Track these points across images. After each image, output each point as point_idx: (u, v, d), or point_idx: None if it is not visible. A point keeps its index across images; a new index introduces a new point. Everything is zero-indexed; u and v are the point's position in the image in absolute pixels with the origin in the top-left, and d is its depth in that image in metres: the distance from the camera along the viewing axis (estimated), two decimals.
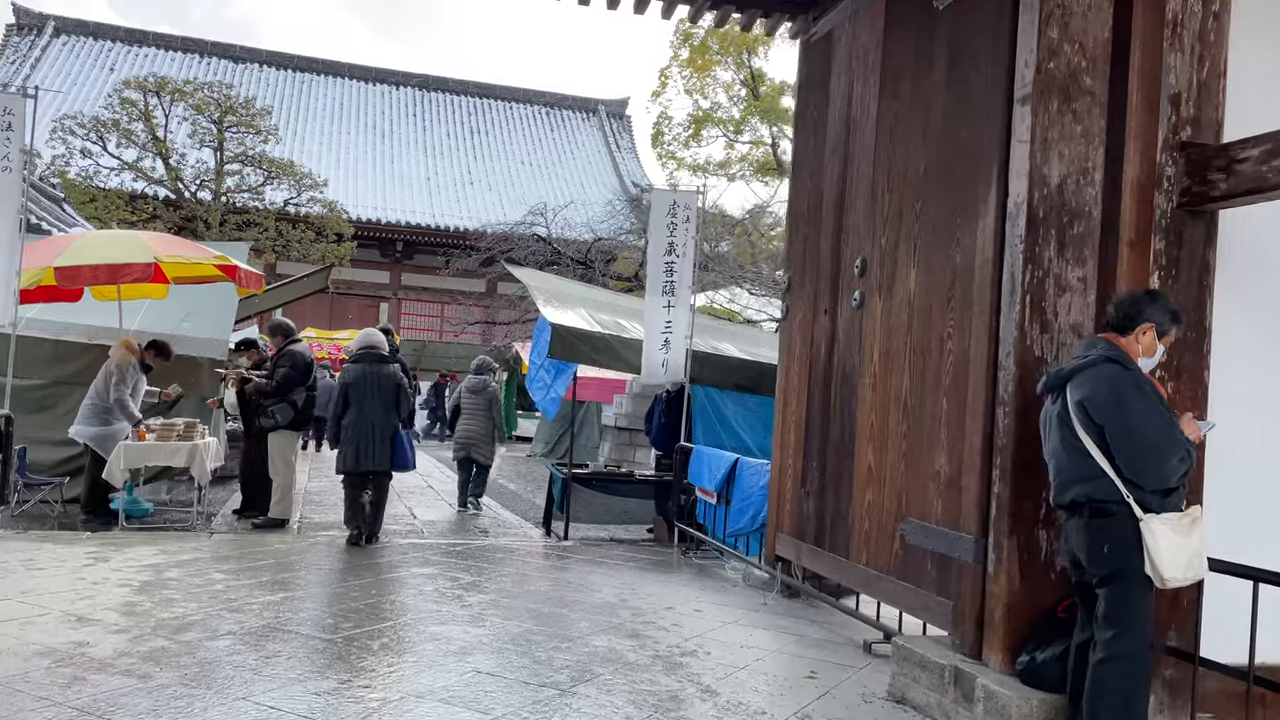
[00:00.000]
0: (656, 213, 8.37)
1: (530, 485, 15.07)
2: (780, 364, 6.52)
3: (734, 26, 7.54)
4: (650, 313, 8.40)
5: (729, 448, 8.60)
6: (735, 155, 26.68)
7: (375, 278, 32.95)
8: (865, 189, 5.49)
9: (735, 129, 25.70)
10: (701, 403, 8.89)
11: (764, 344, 10.20)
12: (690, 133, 25.56)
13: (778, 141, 25.98)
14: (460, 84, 40.78)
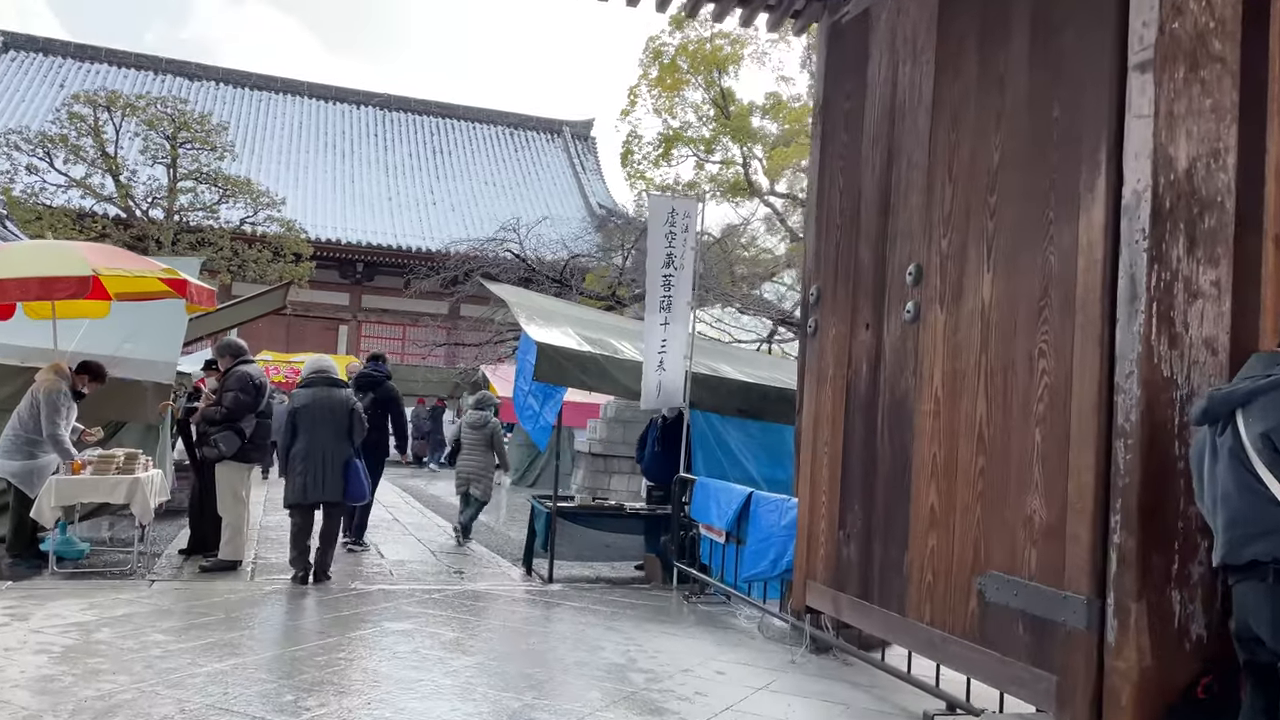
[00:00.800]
0: (654, 222, 7.55)
1: (502, 517, 14.12)
2: (806, 387, 5.71)
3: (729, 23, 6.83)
4: (648, 331, 7.57)
5: (732, 478, 7.76)
6: (705, 175, 26.03)
7: (334, 299, 31.79)
8: (918, 185, 4.72)
9: (706, 148, 25.05)
10: (701, 429, 8.06)
11: (763, 365, 9.41)
12: (660, 152, 24.86)
13: (749, 162, 25.39)
14: (422, 104, 39.86)
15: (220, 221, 24.72)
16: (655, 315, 7.52)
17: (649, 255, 7.58)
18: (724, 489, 6.80)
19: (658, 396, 7.60)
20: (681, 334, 7.62)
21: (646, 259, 7.65)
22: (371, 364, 10.35)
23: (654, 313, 7.52)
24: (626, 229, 17.91)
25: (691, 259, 7.64)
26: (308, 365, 7.86)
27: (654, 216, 7.55)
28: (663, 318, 7.53)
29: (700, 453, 8.03)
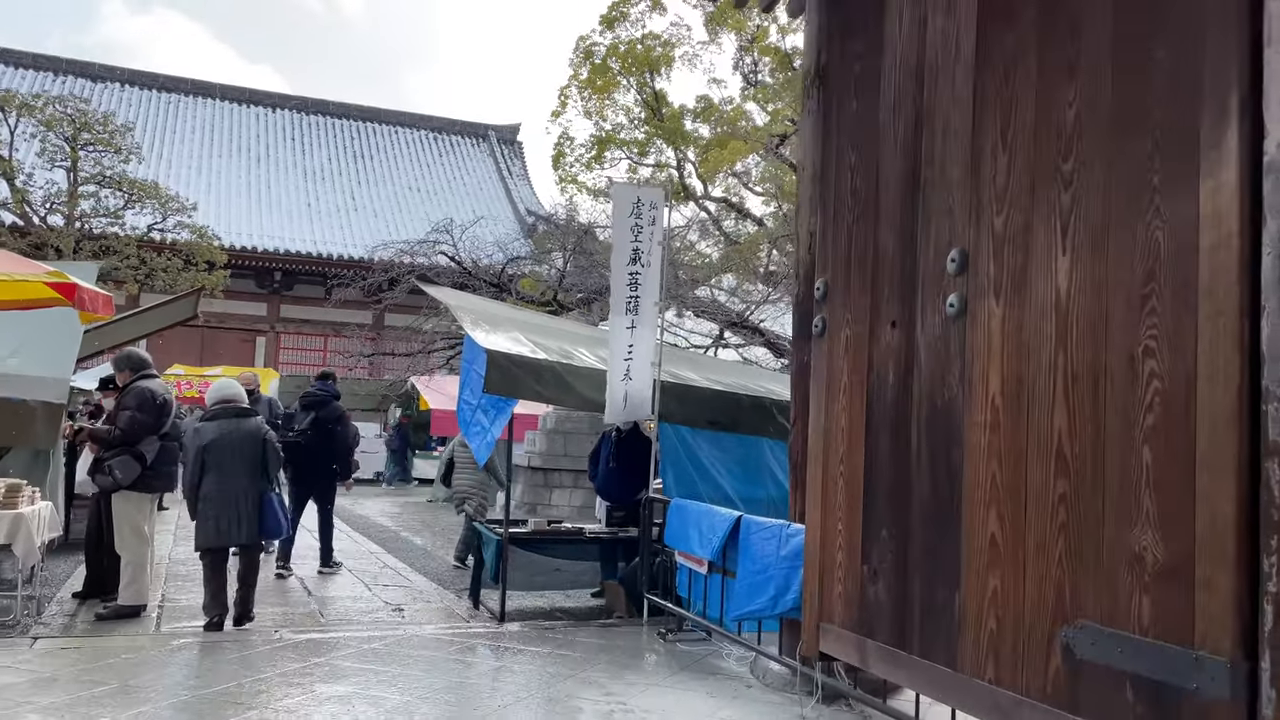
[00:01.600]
0: (618, 213, 6.70)
1: (439, 539, 13.09)
2: (813, 396, 4.91)
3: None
4: (614, 336, 6.71)
5: (706, 497, 6.95)
6: (639, 179, 25.22)
7: (251, 310, 30.21)
8: (958, 156, 3.96)
9: (640, 151, 24.23)
10: (671, 443, 7.22)
11: (730, 372, 8.61)
12: (593, 154, 23.92)
13: (683, 165, 24.66)
14: (341, 107, 38.39)
15: (126, 228, 23.14)
16: (621, 318, 6.67)
17: (614, 251, 6.73)
18: (706, 512, 5.97)
19: (624, 409, 6.75)
20: (649, 339, 6.79)
21: (611, 255, 6.81)
22: (319, 383, 9.63)
23: (619, 314, 6.67)
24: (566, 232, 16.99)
25: (659, 255, 6.81)
26: (212, 394, 6.99)
27: (618, 208, 6.70)
28: (629, 320, 6.68)
29: (670, 469, 7.19)
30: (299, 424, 9.17)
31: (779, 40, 25.43)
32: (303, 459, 9.07)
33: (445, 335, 16.92)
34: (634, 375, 6.71)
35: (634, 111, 25.12)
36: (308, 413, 9.23)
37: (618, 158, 24.67)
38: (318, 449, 9.14)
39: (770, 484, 7.44)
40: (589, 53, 24.16)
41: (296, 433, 9.13)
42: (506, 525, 7.32)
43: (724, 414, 7.24)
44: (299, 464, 9.08)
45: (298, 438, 9.06)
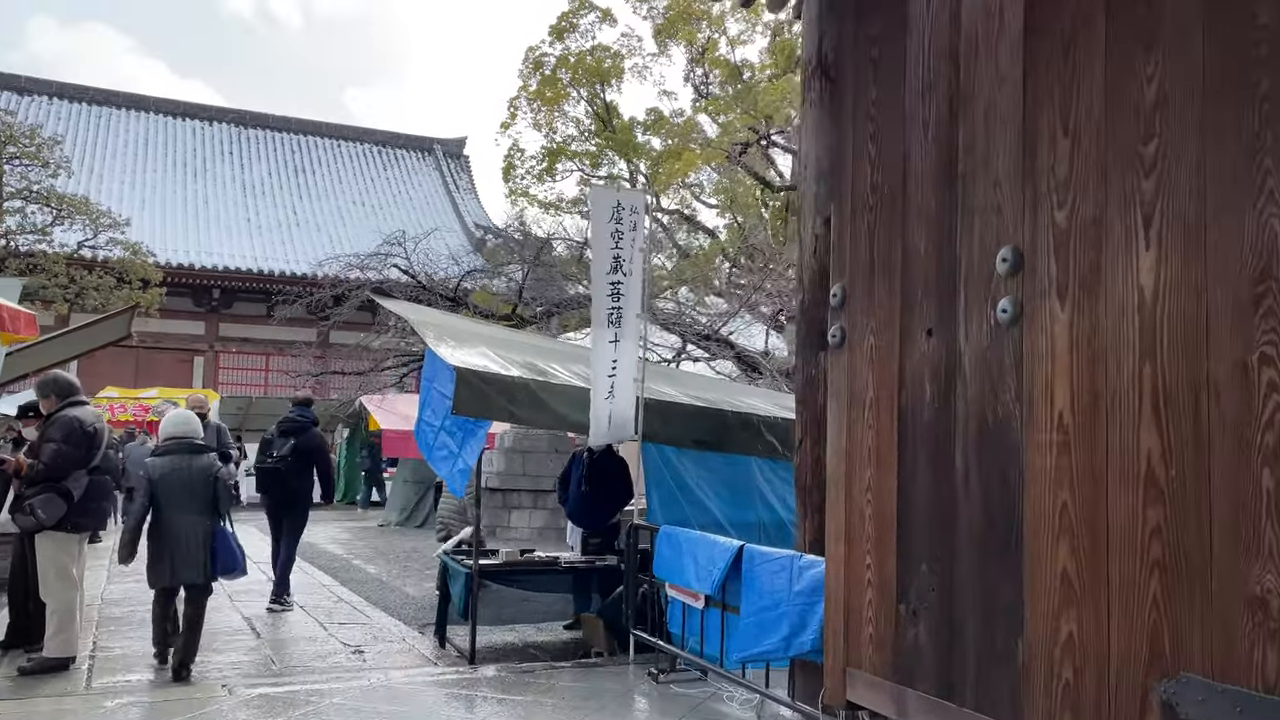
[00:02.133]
0: (597, 219, 6.19)
1: (394, 567, 12.38)
2: (832, 414, 4.42)
3: None
4: (596, 350, 6.18)
5: (694, 522, 6.45)
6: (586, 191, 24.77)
7: (189, 329, 29.10)
8: (1007, 143, 3.51)
9: (592, 163, 23.79)
10: (655, 465, 6.71)
11: (710, 388, 8.13)
12: (544, 166, 23.44)
13: (634, 177, 24.23)
14: (282, 120, 37.36)
15: (55, 245, 22.04)
16: (603, 331, 6.14)
17: (594, 260, 6.22)
18: (702, 541, 5.45)
19: (609, 429, 6.21)
20: (632, 353, 6.27)
21: (591, 265, 6.30)
22: (297, 409, 9.36)
23: (601, 327, 6.14)
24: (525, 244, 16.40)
25: (641, 262, 6.31)
26: (165, 427, 6.63)
27: (596, 213, 6.18)
28: (612, 334, 6.16)
29: (655, 493, 6.67)
30: (278, 450, 8.88)
31: (729, 53, 25.24)
32: (281, 486, 8.87)
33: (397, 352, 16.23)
34: (618, 393, 6.19)
35: (584, 123, 24.68)
36: (286, 439, 8.94)
37: (569, 169, 24.20)
38: (296, 476, 8.90)
39: (760, 506, 6.97)
40: (539, 63, 23.68)
41: (276, 459, 8.83)
42: (476, 557, 6.73)
43: (709, 432, 6.74)
44: (277, 492, 8.91)
45: (278, 464, 8.80)
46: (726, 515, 6.73)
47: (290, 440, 8.93)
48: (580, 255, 16.70)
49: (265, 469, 8.92)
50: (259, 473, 9.11)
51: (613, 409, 6.20)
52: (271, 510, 9.09)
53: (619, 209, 6.15)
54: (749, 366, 12.40)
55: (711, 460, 6.88)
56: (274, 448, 8.97)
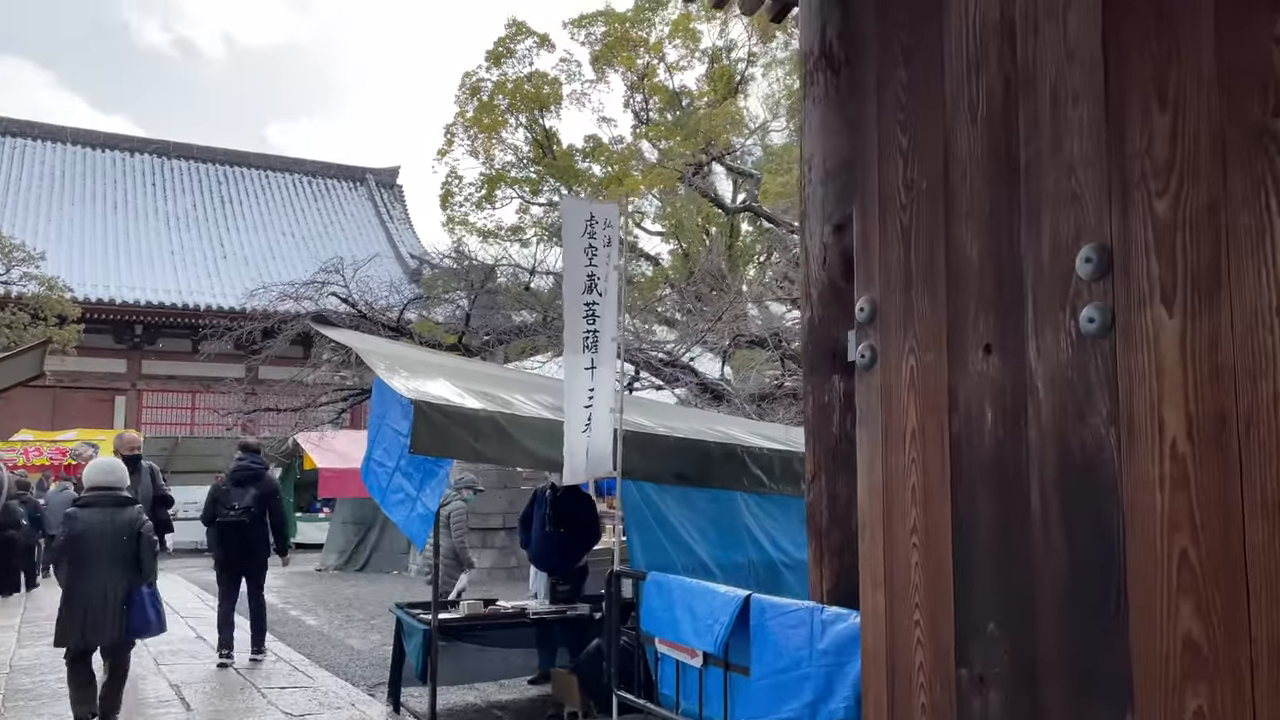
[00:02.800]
0: (569, 233, 5.56)
1: (337, 617, 11.48)
2: (863, 443, 3.82)
3: None
4: (570, 379, 5.53)
5: (678, 565, 5.82)
6: (530, 219, 24.14)
7: (109, 367, 27.65)
8: (1083, 123, 2.98)
9: (532, 189, 23.19)
10: (635, 504, 6.06)
11: (689, 418, 7.52)
12: (483, 193, 22.77)
13: None
14: (206, 151, 36.09)
15: None
16: (578, 357, 5.50)
17: (565, 279, 5.58)
18: (700, 592, 4.81)
19: (585, 466, 5.56)
20: (609, 381, 5.64)
21: (564, 283, 5.66)
22: (248, 456, 8.91)
23: (576, 353, 5.50)
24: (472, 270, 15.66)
25: (616, 281, 5.70)
26: (88, 476, 6.15)
27: (569, 227, 5.56)
28: (587, 359, 5.52)
29: (636, 535, 6.02)
30: (239, 502, 8.49)
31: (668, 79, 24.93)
32: (244, 539, 8.54)
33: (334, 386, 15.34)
34: (595, 425, 5.55)
35: (523, 150, 24.09)
36: (245, 489, 8.56)
37: (509, 196, 23.56)
38: (258, 525, 8.60)
39: (749, 545, 6.37)
40: (475, 89, 23.05)
41: (240, 511, 8.45)
42: (435, 612, 6.00)
43: (692, 466, 6.13)
44: (238, 545, 8.56)
45: (242, 516, 8.44)
46: (713, 556, 6.11)
47: (250, 490, 8.58)
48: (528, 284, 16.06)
49: (230, 522, 8.44)
50: (221, 527, 8.55)
51: (590, 443, 5.56)
52: (229, 564, 8.63)
53: (592, 222, 5.54)
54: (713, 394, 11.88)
55: (695, 497, 6.27)
56: (233, 499, 8.55)
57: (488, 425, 5.48)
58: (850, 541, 4.53)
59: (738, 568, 6.11)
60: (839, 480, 4.47)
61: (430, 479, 5.70)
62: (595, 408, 5.60)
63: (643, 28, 23.91)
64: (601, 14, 23.25)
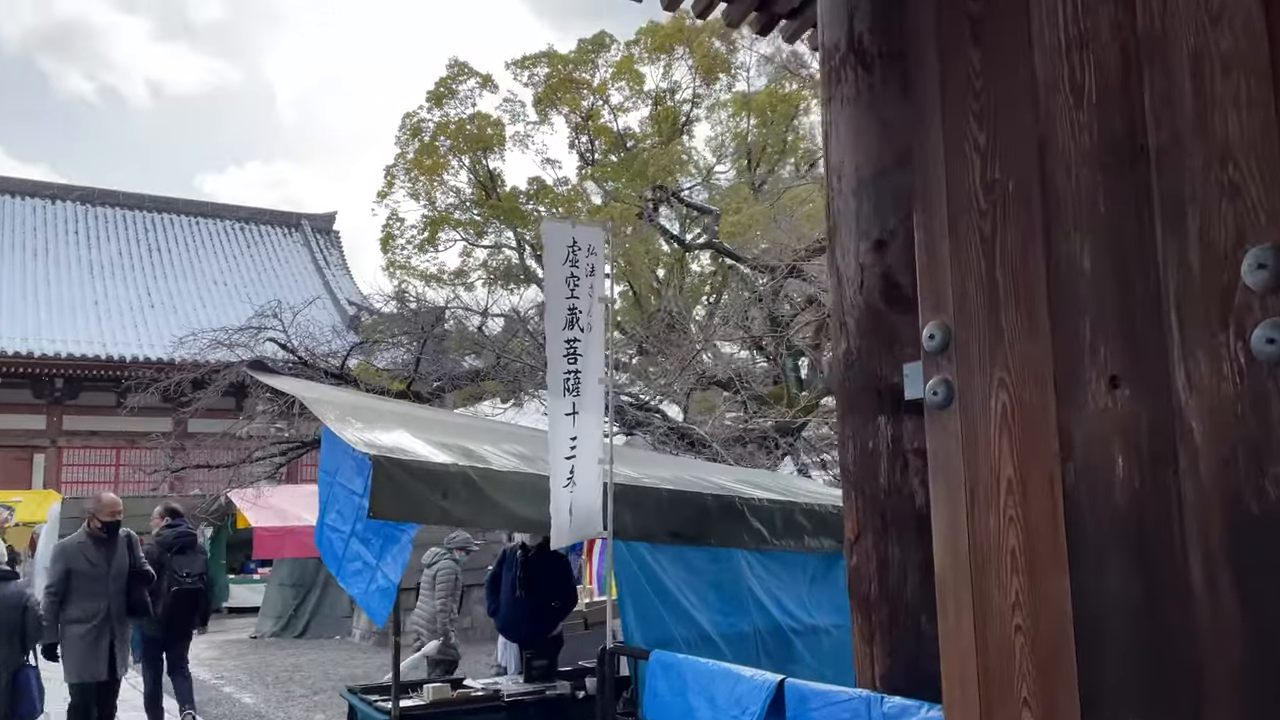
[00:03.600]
0: (551, 260, 4.84)
1: (275, 692, 10.41)
2: (939, 499, 3.16)
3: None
4: (553, 425, 4.79)
5: (679, 638, 5.08)
6: (474, 262, 23.38)
7: (27, 423, 26.00)
8: (1238, 99, 2.40)
9: (476, 232, 22.46)
10: (628, 568, 5.31)
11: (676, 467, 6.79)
12: (425, 236, 21.97)
13: (522, 246, 23.00)
14: (134, 198, 34.68)
15: None
16: (560, 401, 4.76)
17: (548, 310, 4.86)
18: (721, 675, 4.06)
19: (570, 525, 4.80)
20: (595, 428, 4.92)
21: (545, 316, 4.95)
22: (178, 520, 8.56)
23: (558, 397, 4.76)
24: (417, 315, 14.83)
25: (602, 315, 5.00)
26: None
27: (550, 253, 4.84)
28: (569, 404, 4.79)
29: (630, 603, 5.25)
30: (189, 568, 8.17)
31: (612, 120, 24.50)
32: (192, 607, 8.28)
33: (271, 439, 14.30)
34: (579, 478, 4.80)
35: (466, 192, 23.38)
36: (189, 555, 8.28)
37: (453, 239, 22.80)
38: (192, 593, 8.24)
39: (755, 611, 5.65)
40: (416, 130, 22.34)
41: (195, 577, 8.18)
42: (396, 700, 5.15)
43: (688, 522, 5.40)
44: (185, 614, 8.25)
45: (198, 583, 8.20)
46: (715, 625, 5.38)
47: (195, 555, 8.37)
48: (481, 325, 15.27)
49: (186, 590, 8.05)
50: (177, 596, 8.02)
51: (574, 499, 4.81)
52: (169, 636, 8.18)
53: (574, 249, 4.85)
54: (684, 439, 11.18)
55: (692, 558, 5.55)
56: (184, 566, 8.14)
57: (458, 482, 4.70)
58: (907, 616, 3.86)
59: (743, 637, 5.39)
60: (891, 542, 3.79)
61: (391, 546, 4.89)
62: (579, 459, 4.86)
63: (586, 69, 23.50)
64: (544, 55, 22.80)
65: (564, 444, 4.77)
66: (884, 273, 3.91)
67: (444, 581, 8.64)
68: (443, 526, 8.39)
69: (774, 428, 11.38)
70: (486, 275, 22.53)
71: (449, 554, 8.90)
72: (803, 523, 5.71)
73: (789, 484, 7.17)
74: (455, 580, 8.75)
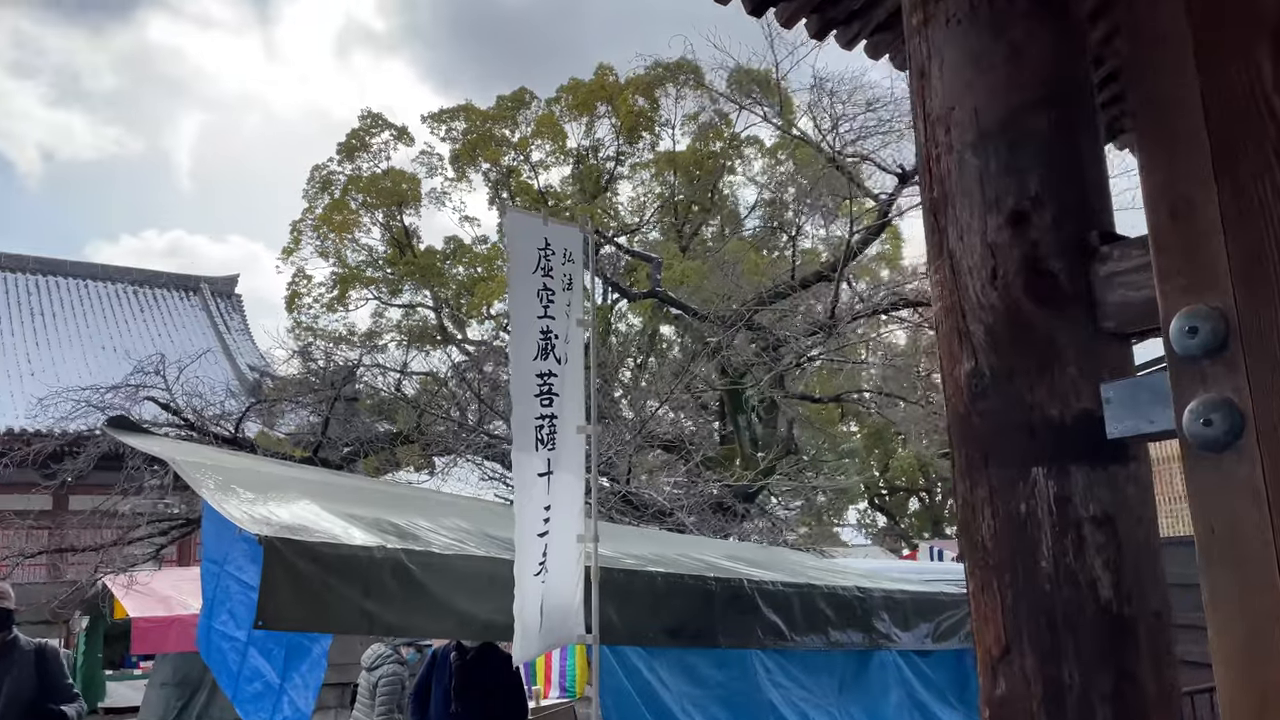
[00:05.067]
0: (517, 265, 3.53)
1: None
2: (1215, 594, 1.93)
3: None
4: (520, 491, 3.44)
5: None
6: (387, 323, 21.80)
7: None
8: None
9: (391, 290, 20.94)
10: (616, 682, 3.93)
11: (658, 542, 5.46)
12: (335, 294, 20.36)
13: (441, 305, 21.54)
14: (14, 259, 32.04)
15: None
16: (530, 457, 3.42)
17: (514, 335, 3.53)
18: None
19: (541, 629, 3.42)
20: (575, 492, 3.59)
21: (511, 343, 3.64)
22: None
23: (527, 452, 3.42)
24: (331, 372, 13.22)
25: (581, 340, 3.71)
26: None
27: (516, 257, 3.53)
28: (542, 460, 3.45)
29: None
30: None
31: (532, 177, 23.43)
32: None
33: (153, 516, 12.42)
34: (553, 562, 3.45)
35: (379, 250, 21.91)
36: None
37: (365, 297, 21.22)
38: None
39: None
40: (326, 183, 20.85)
41: None
42: None
43: (689, 617, 4.06)
44: None
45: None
46: None
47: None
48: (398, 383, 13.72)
49: None
50: None
51: (547, 591, 3.45)
52: None
53: (547, 253, 3.57)
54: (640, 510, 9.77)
55: (695, 663, 4.21)
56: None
57: (386, 572, 3.30)
58: None
59: None
60: (1066, 659, 2.52)
61: (300, 661, 3.47)
62: (553, 535, 3.52)
63: (505, 125, 22.46)
64: (462, 109, 21.69)
65: (535, 516, 3.43)
66: (1028, 257, 2.68)
67: (386, 690, 6.93)
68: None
69: (731, 492, 10.19)
70: (400, 336, 20.96)
71: (394, 654, 7.19)
72: (826, 612, 4.46)
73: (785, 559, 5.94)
74: (400, 689, 6.99)
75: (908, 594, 4.99)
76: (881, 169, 11.40)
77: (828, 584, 4.67)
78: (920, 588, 5.26)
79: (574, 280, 3.72)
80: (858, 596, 4.68)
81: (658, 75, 20.61)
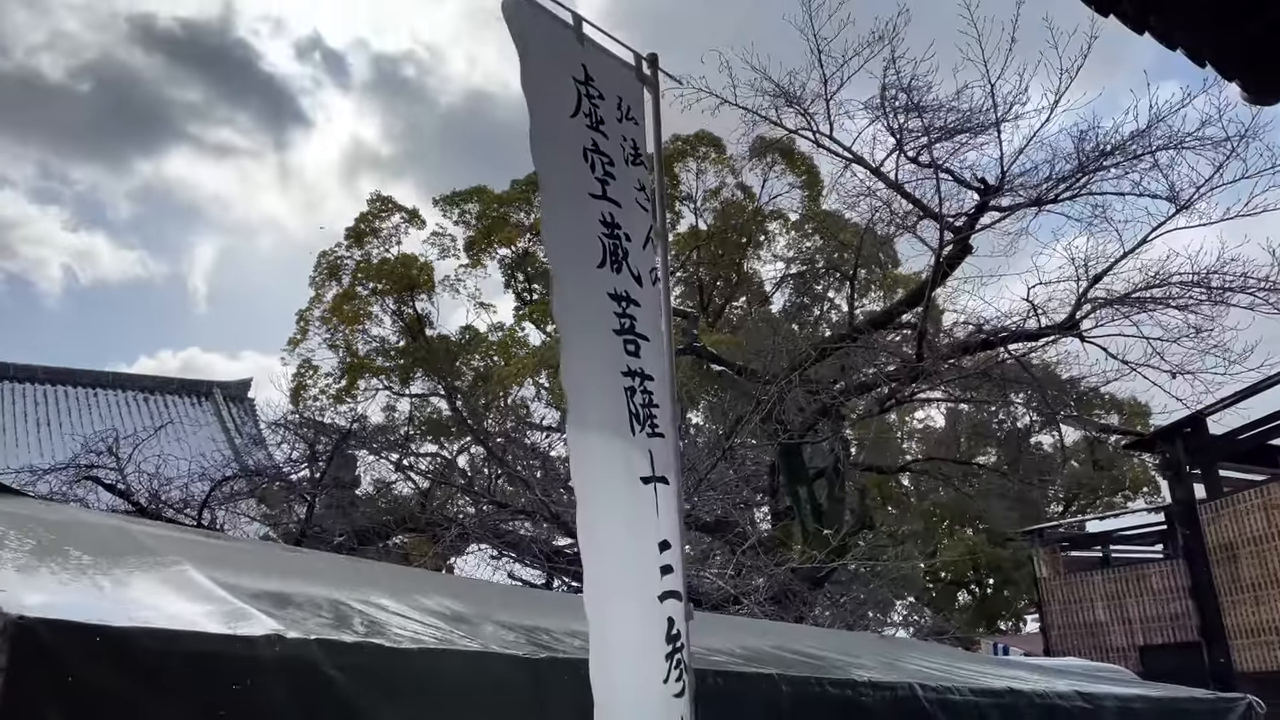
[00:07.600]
0: (542, 91, 1.89)
1: None
2: None
3: None
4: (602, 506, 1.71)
5: None
6: (399, 417, 20.14)
7: None
8: None
9: (402, 379, 19.34)
10: None
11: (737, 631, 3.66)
12: (343, 385, 18.77)
13: (455, 395, 19.89)
14: (24, 370, 30.77)
15: None
16: (613, 441, 1.69)
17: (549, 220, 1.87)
18: None
19: None
20: (677, 522, 1.85)
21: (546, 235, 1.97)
22: None
23: (604, 432, 1.71)
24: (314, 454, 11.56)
25: (662, 258, 2.04)
26: None
27: (537, 77, 1.91)
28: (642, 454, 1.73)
29: None
30: None
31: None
32: None
33: None
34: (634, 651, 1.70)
35: (390, 339, 20.42)
36: None
37: (374, 388, 19.61)
38: None
39: None
40: (334, 269, 19.46)
41: None
42: None
43: None
44: None
45: None
46: None
47: None
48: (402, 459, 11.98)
49: None
50: None
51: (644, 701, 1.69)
52: None
53: (589, 92, 1.95)
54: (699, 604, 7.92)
55: None
56: None
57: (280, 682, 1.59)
58: None
59: None
60: None
61: None
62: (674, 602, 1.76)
63: (520, 208, 21.18)
64: (475, 191, 20.47)
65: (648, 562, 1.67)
66: None
67: None
68: None
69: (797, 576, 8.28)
70: (413, 430, 19.27)
71: None
72: None
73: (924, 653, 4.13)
74: None
75: (1146, 700, 3.16)
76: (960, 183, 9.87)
77: (1035, 689, 2.87)
78: (1150, 691, 3.44)
79: (640, 151, 2.06)
80: (1081, 707, 2.88)
81: (677, 149, 19.41)
